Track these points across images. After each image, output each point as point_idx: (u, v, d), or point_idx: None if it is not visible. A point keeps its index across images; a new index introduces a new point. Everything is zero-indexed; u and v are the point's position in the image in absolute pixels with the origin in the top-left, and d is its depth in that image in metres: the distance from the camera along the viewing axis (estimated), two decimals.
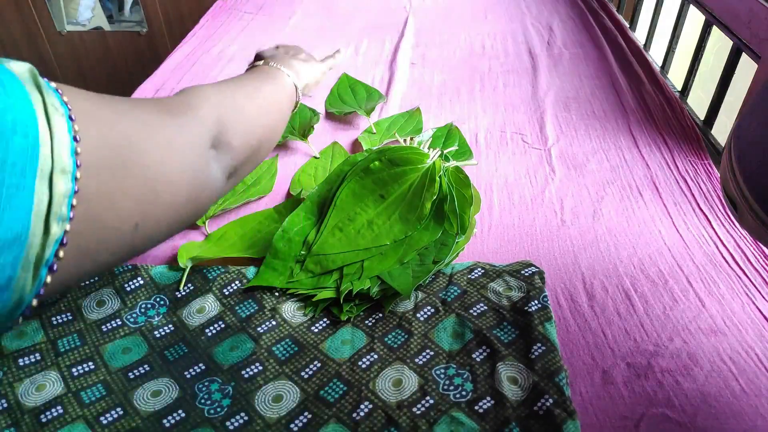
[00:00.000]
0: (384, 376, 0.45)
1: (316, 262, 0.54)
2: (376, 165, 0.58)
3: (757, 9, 0.72)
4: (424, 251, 0.54)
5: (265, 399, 0.44)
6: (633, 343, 0.49)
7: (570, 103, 0.86)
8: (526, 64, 0.99)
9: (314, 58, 0.71)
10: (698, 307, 0.52)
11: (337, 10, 1.28)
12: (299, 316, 0.51)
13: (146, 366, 0.47)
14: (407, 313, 0.51)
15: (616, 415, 0.43)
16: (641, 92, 0.88)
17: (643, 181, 0.69)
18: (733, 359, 0.47)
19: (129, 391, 0.45)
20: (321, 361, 0.47)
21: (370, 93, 0.90)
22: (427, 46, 1.09)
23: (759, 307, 0.52)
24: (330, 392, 0.44)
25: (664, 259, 0.57)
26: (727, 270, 0.56)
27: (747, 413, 0.43)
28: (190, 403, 0.44)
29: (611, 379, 0.46)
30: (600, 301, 0.53)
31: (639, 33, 1.13)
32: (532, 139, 0.78)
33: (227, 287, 0.53)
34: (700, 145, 0.75)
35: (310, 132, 0.78)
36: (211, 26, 1.21)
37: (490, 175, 0.71)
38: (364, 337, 0.49)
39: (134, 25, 2.06)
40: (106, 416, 0.43)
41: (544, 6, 1.25)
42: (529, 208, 0.65)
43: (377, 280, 0.52)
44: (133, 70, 2.16)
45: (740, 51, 0.78)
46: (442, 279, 0.54)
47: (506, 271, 0.54)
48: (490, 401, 0.43)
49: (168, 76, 1.00)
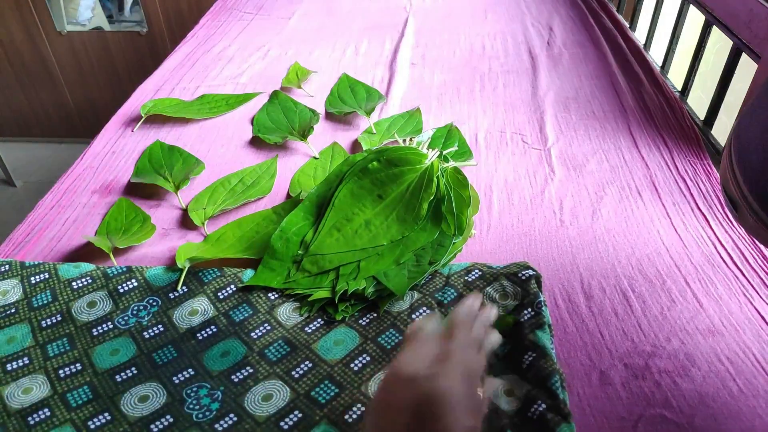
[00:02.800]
0: (377, 379, 0.45)
1: (313, 262, 0.54)
2: (375, 165, 0.58)
3: (757, 9, 0.72)
4: (420, 252, 0.54)
5: (254, 399, 0.44)
6: (631, 344, 0.49)
7: (570, 104, 0.86)
8: (526, 64, 0.99)
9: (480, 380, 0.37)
10: (696, 308, 0.52)
11: (337, 10, 1.28)
12: (294, 317, 0.51)
13: (133, 369, 0.47)
14: (402, 314, 0.50)
15: (613, 415, 0.43)
16: (641, 92, 0.88)
17: (642, 181, 0.69)
18: (730, 360, 0.47)
19: (116, 396, 0.45)
20: (312, 361, 0.47)
21: (370, 93, 0.90)
22: (427, 46, 1.08)
23: (757, 308, 0.52)
24: (321, 393, 0.44)
25: (663, 259, 0.57)
26: (725, 270, 0.56)
27: (744, 413, 0.43)
28: (178, 408, 0.44)
29: (609, 379, 0.46)
30: (598, 301, 0.53)
31: (639, 33, 1.13)
32: (531, 139, 0.78)
33: (222, 291, 0.53)
34: (699, 146, 0.75)
35: (309, 132, 0.78)
36: (211, 26, 1.21)
37: (489, 176, 0.71)
38: (357, 337, 0.49)
39: (134, 25, 2.06)
40: (93, 421, 0.43)
41: (544, 6, 1.25)
42: (529, 209, 0.65)
43: (373, 280, 0.52)
44: (133, 70, 2.17)
45: (740, 51, 0.78)
46: (438, 279, 0.54)
47: (503, 273, 0.53)
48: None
49: (168, 76, 1.00)
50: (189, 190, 0.70)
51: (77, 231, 0.64)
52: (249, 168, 0.73)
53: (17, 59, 2.16)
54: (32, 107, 2.33)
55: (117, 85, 2.21)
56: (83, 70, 2.19)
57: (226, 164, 0.75)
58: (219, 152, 0.78)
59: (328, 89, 0.92)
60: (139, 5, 2.01)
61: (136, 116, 0.87)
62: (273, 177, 0.71)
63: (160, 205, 0.68)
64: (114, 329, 0.51)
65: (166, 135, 0.82)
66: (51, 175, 2.22)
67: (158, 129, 0.84)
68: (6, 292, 0.53)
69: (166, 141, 0.80)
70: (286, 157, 0.76)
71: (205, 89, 0.95)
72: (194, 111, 0.87)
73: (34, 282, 0.54)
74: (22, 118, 2.37)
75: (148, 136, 0.82)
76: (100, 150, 0.79)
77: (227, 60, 1.05)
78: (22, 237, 0.64)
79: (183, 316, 0.51)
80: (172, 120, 0.86)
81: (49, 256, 0.60)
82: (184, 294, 0.53)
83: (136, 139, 0.81)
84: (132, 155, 0.78)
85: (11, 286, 0.54)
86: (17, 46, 2.12)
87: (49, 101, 2.30)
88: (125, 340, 0.49)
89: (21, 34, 2.09)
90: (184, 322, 0.51)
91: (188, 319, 0.51)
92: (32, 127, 2.41)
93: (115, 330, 0.50)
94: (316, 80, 0.96)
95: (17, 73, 2.21)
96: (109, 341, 0.49)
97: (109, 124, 0.86)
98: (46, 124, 2.39)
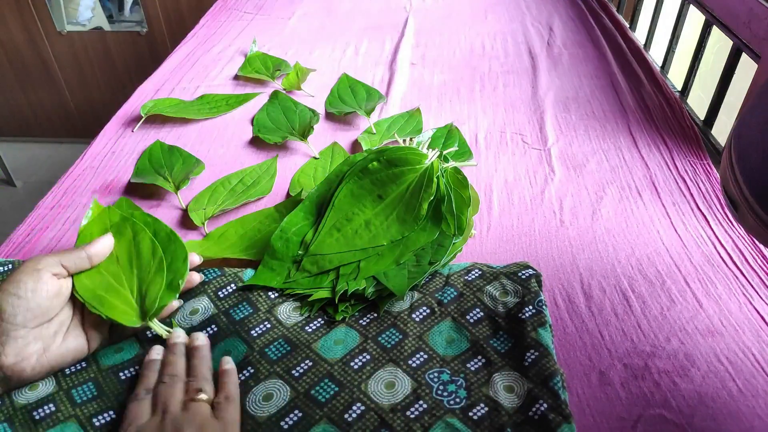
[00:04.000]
0: (376, 378, 0.45)
1: (313, 262, 0.54)
2: (375, 165, 0.58)
3: (757, 9, 0.72)
4: (420, 252, 0.54)
5: (255, 399, 0.44)
6: (630, 344, 0.49)
7: (570, 104, 0.87)
8: (525, 64, 0.99)
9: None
10: (696, 308, 0.52)
11: (337, 10, 1.28)
12: (295, 316, 0.51)
13: (137, 367, 0.47)
14: (402, 313, 0.50)
15: (613, 416, 0.43)
16: (641, 92, 0.88)
17: (642, 181, 0.69)
18: (730, 360, 0.47)
19: (120, 395, 0.45)
20: (312, 360, 0.47)
21: (370, 93, 0.90)
22: (427, 46, 1.09)
23: (756, 308, 0.52)
24: (321, 392, 0.44)
25: (662, 259, 0.58)
26: (724, 270, 0.56)
27: (744, 414, 0.43)
28: None
29: (608, 380, 0.46)
30: (597, 301, 0.53)
31: (639, 33, 1.13)
32: (531, 139, 0.78)
33: (222, 289, 0.53)
34: (699, 145, 0.75)
35: (309, 132, 0.78)
36: (211, 26, 1.21)
37: (489, 176, 0.71)
38: (357, 337, 0.49)
39: (134, 25, 2.06)
40: (98, 418, 0.43)
41: (544, 6, 1.25)
42: (529, 209, 0.65)
43: (373, 281, 0.52)
44: (133, 70, 2.17)
45: (740, 51, 0.78)
46: (438, 279, 0.54)
47: (503, 273, 0.54)
48: (484, 408, 0.42)
49: (168, 76, 1.00)
50: (189, 190, 0.70)
51: (77, 231, 0.64)
52: (249, 168, 0.73)
53: (17, 59, 2.16)
54: (32, 107, 2.34)
55: (117, 85, 2.22)
56: (83, 70, 2.20)
57: (226, 164, 0.75)
58: (219, 152, 0.78)
59: (328, 89, 0.92)
60: (139, 5, 2.01)
61: (136, 116, 0.87)
62: (273, 177, 0.71)
63: (160, 205, 0.68)
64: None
65: (166, 135, 0.82)
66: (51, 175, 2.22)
67: (158, 129, 0.84)
68: None
69: (166, 141, 0.80)
70: (286, 157, 0.77)
71: (205, 89, 0.95)
72: (194, 111, 0.87)
73: None
74: (22, 118, 2.38)
75: (148, 136, 0.82)
76: (100, 150, 0.80)
77: (227, 60, 1.05)
78: (22, 237, 0.64)
79: (184, 315, 0.51)
80: (172, 120, 0.86)
81: None
82: (185, 293, 0.53)
83: (136, 139, 0.81)
84: (132, 155, 0.78)
85: None
86: (17, 46, 2.12)
87: (49, 101, 2.31)
88: (129, 339, 0.50)
89: (21, 34, 2.09)
90: (186, 322, 0.51)
91: (189, 319, 0.51)
92: (32, 127, 2.41)
93: None
94: (316, 80, 0.96)
95: (17, 73, 2.21)
96: None
97: (109, 124, 0.86)
98: (46, 124, 2.39)
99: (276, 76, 0.96)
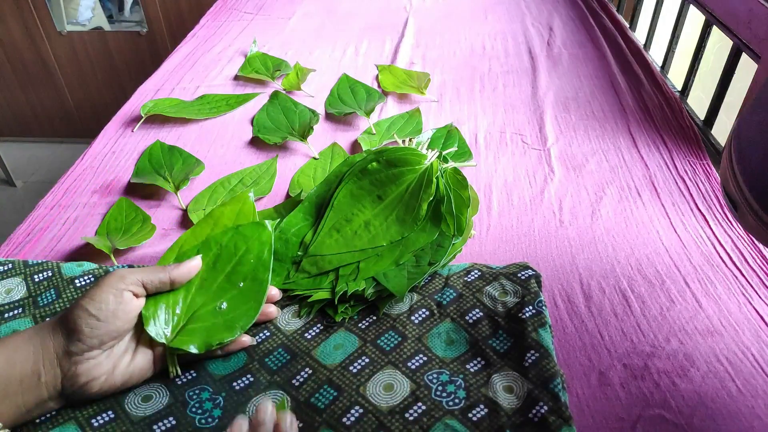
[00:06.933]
0: (375, 380, 0.45)
1: (313, 263, 0.54)
2: (374, 166, 0.58)
3: (757, 9, 0.72)
4: (420, 253, 0.54)
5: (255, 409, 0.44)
6: (630, 344, 0.49)
7: (569, 104, 0.86)
8: (525, 65, 0.99)
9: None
10: (695, 308, 0.52)
11: (337, 10, 1.28)
12: (294, 322, 0.51)
13: None
14: (401, 316, 0.50)
15: (612, 416, 0.43)
16: (641, 92, 0.88)
17: (641, 181, 0.69)
18: (729, 360, 0.47)
19: (119, 394, 0.45)
20: (312, 368, 0.47)
21: (369, 93, 0.90)
22: (427, 46, 1.09)
23: (756, 308, 0.52)
24: (320, 398, 0.44)
25: (662, 259, 0.58)
26: (724, 270, 0.56)
27: (743, 414, 0.43)
28: (180, 410, 0.44)
29: (608, 380, 0.46)
30: (597, 302, 0.53)
31: (639, 33, 1.13)
32: (531, 139, 0.78)
33: None
34: (698, 145, 0.75)
35: (309, 133, 0.78)
36: (211, 26, 1.21)
37: (489, 176, 0.71)
38: (356, 341, 0.49)
39: (134, 25, 2.06)
40: (97, 419, 0.43)
41: (544, 6, 1.25)
42: (528, 209, 0.65)
43: (372, 281, 0.52)
44: (133, 70, 2.17)
45: (740, 51, 0.78)
46: (438, 281, 0.54)
47: (503, 273, 0.53)
48: (483, 409, 0.42)
49: (168, 76, 1.00)
50: (189, 191, 0.70)
51: (77, 231, 0.64)
52: (249, 168, 0.73)
53: (17, 59, 2.16)
54: (32, 107, 2.34)
55: (117, 85, 2.22)
56: (83, 70, 2.20)
57: (226, 164, 0.75)
58: (219, 152, 0.78)
59: (328, 89, 0.92)
60: (139, 5, 2.01)
61: (136, 116, 0.87)
62: (273, 177, 0.71)
63: (160, 205, 0.68)
64: None
65: (166, 135, 0.82)
66: (51, 175, 2.22)
67: (158, 129, 0.84)
68: (10, 290, 0.53)
69: (166, 141, 0.80)
70: (286, 157, 0.77)
71: (205, 89, 0.95)
72: (194, 111, 0.88)
73: (37, 280, 0.54)
74: (22, 118, 2.38)
75: (148, 136, 0.82)
76: (101, 150, 0.80)
77: (227, 60, 1.05)
78: (22, 237, 0.64)
79: None
80: (172, 120, 0.86)
81: (49, 256, 0.60)
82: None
83: (136, 139, 0.81)
84: (132, 155, 0.78)
85: (15, 284, 0.54)
86: (17, 46, 2.12)
87: (49, 101, 2.31)
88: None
89: (21, 34, 2.09)
90: None
91: None
92: (32, 127, 2.41)
93: None
94: (316, 80, 0.96)
95: (17, 73, 2.21)
96: None
97: (110, 124, 0.86)
98: (46, 124, 2.39)
99: (276, 76, 0.96)
